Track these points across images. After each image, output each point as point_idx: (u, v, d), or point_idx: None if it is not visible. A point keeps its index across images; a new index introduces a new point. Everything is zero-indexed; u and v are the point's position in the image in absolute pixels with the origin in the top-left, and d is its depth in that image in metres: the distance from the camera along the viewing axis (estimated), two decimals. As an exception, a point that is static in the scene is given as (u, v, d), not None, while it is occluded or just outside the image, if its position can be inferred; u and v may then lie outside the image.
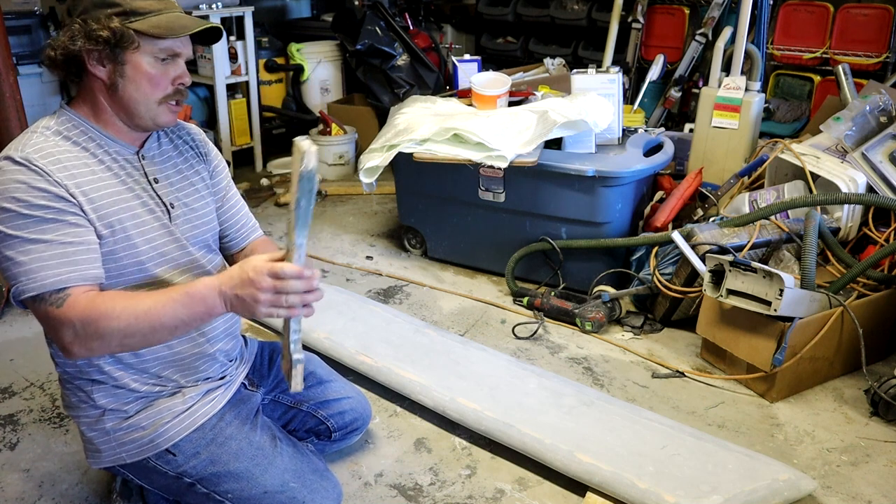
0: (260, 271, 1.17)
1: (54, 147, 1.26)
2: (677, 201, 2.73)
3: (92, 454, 1.44)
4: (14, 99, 2.34)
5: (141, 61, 1.28)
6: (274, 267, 1.17)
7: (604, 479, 1.66)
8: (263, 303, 1.17)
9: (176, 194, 1.42)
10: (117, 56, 1.27)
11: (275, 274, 1.16)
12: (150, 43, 1.27)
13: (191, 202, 1.45)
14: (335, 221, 3.55)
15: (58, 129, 1.30)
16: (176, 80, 1.32)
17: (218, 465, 1.41)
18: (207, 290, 1.21)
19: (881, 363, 2.29)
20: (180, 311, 1.21)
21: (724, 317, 2.18)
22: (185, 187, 1.45)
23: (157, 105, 1.32)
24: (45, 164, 1.22)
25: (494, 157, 2.48)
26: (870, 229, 2.42)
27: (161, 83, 1.31)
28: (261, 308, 1.18)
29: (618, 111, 2.72)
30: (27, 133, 1.30)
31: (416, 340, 2.25)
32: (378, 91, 4.19)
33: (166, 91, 1.32)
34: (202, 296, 1.21)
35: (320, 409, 1.73)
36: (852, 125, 2.54)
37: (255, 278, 1.17)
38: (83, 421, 1.42)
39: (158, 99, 1.31)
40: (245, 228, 1.61)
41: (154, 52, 1.28)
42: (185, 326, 1.24)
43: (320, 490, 1.48)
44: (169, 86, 1.32)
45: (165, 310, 1.20)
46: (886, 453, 1.90)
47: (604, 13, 4.15)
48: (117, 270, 1.31)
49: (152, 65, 1.29)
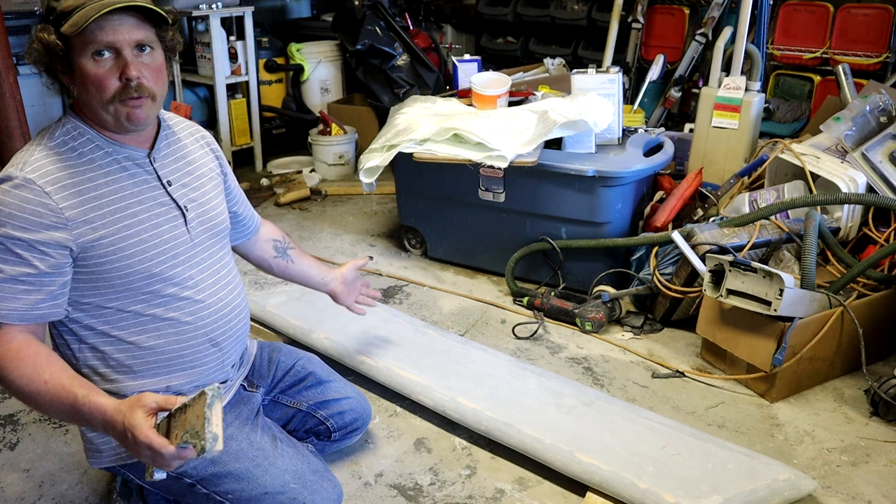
0: (141, 443, 1.09)
1: (56, 163, 1.25)
2: (677, 201, 2.73)
3: (92, 454, 1.44)
4: (14, 99, 2.34)
5: (82, 64, 1.23)
6: (153, 443, 1.08)
7: (604, 479, 1.66)
8: (142, 457, 1.13)
9: (190, 195, 1.42)
10: (68, 63, 1.24)
11: (152, 449, 1.09)
12: (81, 42, 1.22)
13: (205, 202, 1.45)
14: (335, 221, 3.55)
15: (63, 140, 1.29)
16: (122, 75, 1.23)
17: (218, 466, 1.40)
18: (89, 416, 1.17)
19: (881, 363, 2.29)
20: (63, 416, 1.22)
21: (724, 317, 2.18)
22: (198, 187, 1.45)
23: (111, 105, 1.26)
24: (42, 186, 1.22)
25: (494, 157, 2.48)
26: (870, 229, 2.42)
27: (105, 82, 1.23)
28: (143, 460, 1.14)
29: (618, 111, 2.72)
30: (30, 147, 1.29)
31: (416, 340, 2.25)
32: (378, 91, 4.18)
33: (113, 88, 1.24)
34: (88, 420, 1.19)
35: (320, 410, 1.72)
36: (852, 125, 2.53)
37: (135, 445, 1.11)
38: None
39: (109, 99, 1.25)
40: (251, 221, 1.70)
41: (90, 50, 1.22)
42: (70, 422, 1.25)
43: (320, 491, 1.47)
44: (115, 82, 1.24)
45: (47, 404, 1.20)
46: (886, 453, 1.90)
47: (604, 13, 4.15)
48: (126, 276, 1.31)
49: (92, 65, 1.23)
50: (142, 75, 1.25)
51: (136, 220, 1.31)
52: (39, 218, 1.21)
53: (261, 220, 1.76)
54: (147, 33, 1.27)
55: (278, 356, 1.73)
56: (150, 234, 1.33)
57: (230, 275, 1.51)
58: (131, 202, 1.31)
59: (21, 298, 1.22)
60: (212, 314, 1.43)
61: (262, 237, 1.76)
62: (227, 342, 1.49)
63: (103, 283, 1.30)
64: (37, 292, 1.23)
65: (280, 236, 1.80)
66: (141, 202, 1.32)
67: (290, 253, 1.79)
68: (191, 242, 1.40)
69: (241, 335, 1.54)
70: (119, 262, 1.29)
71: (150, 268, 1.33)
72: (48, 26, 1.23)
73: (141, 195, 1.33)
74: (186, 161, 1.45)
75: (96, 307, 1.32)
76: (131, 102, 1.26)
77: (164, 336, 1.38)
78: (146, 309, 1.35)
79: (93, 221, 1.26)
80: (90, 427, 1.23)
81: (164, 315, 1.36)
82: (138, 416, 1.10)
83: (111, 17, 1.21)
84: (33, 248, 1.21)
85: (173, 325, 1.38)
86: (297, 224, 3.50)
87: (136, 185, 1.33)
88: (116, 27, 1.22)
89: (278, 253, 1.77)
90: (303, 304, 2.45)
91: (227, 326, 1.47)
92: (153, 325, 1.36)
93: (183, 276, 1.38)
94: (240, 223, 1.66)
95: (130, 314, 1.34)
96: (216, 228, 1.48)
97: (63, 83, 1.29)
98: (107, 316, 1.33)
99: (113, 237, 1.28)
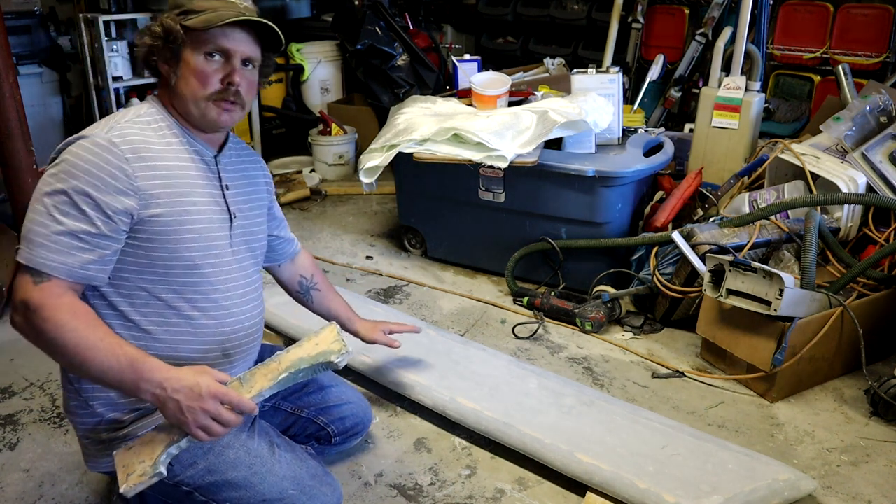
0: (213, 394, 1.19)
1: (138, 135, 1.30)
2: (677, 201, 2.73)
3: (89, 458, 1.44)
4: (14, 99, 2.34)
5: (191, 58, 1.32)
6: (228, 395, 1.20)
7: (604, 479, 1.66)
8: (196, 421, 1.18)
9: (240, 206, 1.47)
10: (175, 54, 1.32)
11: (227, 401, 1.20)
12: (198, 40, 1.31)
13: (251, 216, 1.51)
14: (335, 221, 3.55)
15: (147, 120, 1.35)
16: (225, 79, 1.34)
17: (216, 475, 1.39)
18: (148, 374, 1.20)
19: (881, 363, 2.29)
20: (112, 373, 1.20)
21: (724, 317, 2.18)
22: (248, 201, 1.51)
23: (205, 102, 1.34)
24: (123, 151, 1.26)
25: (494, 157, 2.48)
26: (870, 229, 2.42)
27: (208, 80, 1.32)
28: (189, 421, 1.18)
29: (618, 111, 2.72)
30: (116, 116, 1.34)
31: (416, 340, 2.24)
32: (378, 91, 4.19)
33: (214, 88, 1.33)
34: (140, 374, 1.19)
35: (321, 416, 1.72)
36: (852, 125, 2.53)
37: (204, 397, 1.18)
38: (80, 428, 1.42)
39: (206, 96, 1.33)
40: (288, 246, 1.75)
41: (204, 49, 1.31)
42: (105, 385, 1.25)
43: (319, 496, 1.46)
44: (217, 83, 1.33)
45: (101, 360, 1.19)
46: (886, 453, 1.90)
47: (604, 13, 4.15)
48: (170, 259, 1.33)
49: (201, 62, 1.32)
50: (241, 85, 1.36)
51: (196, 209, 1.36)
52: (114, 181, 1.24)
53: (300, 250, 1.81)
54: (257, 53, 1.39)
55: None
56: (202, 227, 1.37)
57: (256, 293, 1.53)
58: (195, 191, 1.36)
59: (74, 255, 1.23)
60: (232, 324, 1.45)
61: (294, 267, 1.79)
62: (238, 356, 1.49)
63: (145, 261, 1.32)
64: (90, 252, 1.24)
65: (309, 274, 1.81)
66: (201, 195, 1.37)
67: (313, 293, 1.81)
68: (230, 249, 1.44)
69: (251, 353, 1.55)
70: (169, 243, 1.32)
71: (195, 258, 1.36)
72: (174, 16, 1.31)
73: (203, 188, 1.38)
74: (243, 174, 1.52)
75: (128, 285, 1.33)
76: (225, 105, 1.35)
77: (181, 333, 1.38)
78: (175, 300, 1.36)
79: (158, 197, 1.30)
80: (135, 388, 1.20)
81: (188, 311, 1.38)
82: (211, 376, 1.21)
83: (236, 28, 1.33)
84: (100, 208, 1.23)
85: (193, 325, 1.39)
86: (297, 224, 3.50)
87: (201, 177, 1.39)
88: (237, 38, 1.33)
89: (301, 290, 1.81)
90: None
91: (242, 341, 1.49)
92: (175, 318, 1.37)
93: (218, 277, 1.41)
94: (277, 247, 1.72)
95: (158, 302, 1.35)
96: (254, 245, 1.52)
97: (160, 70, 1.36)
98: (134, 297, 1.34)
99: (171, 217, 1.31)
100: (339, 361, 1.36)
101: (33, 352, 2.40)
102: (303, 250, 1.82)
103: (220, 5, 1.32)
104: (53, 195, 1.22)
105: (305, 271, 1.81)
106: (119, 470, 1.22)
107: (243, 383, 1.31)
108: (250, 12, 1.33)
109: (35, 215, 1.23)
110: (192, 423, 1.18)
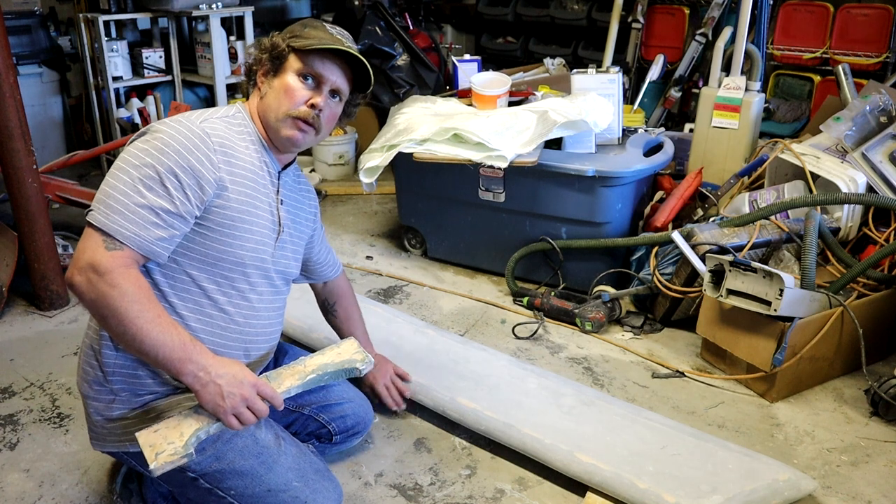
0: (252, 384, 1.32)
1: (226, 131, 1.40)
2: (677, 201, 2.73)
3: (96, 438, 1.46)
4: (14, 99, 2.33)
5: (286, 75, 1.42)
6: (265, 388, 1.33)
7: (604, 479, 1.66)
8: (233, 406, 1.28)
9: (288, 223, 1.56)
10: (275, 68, 1.43)
11: (262, 393, 1.33)
12: (297, 60, 1.41)
13: (293, 236, 1.59)
14: (335, 221, 3.55)
15: (234, 122, 1.44)
16: (310, 100, 1.42)
17: (223, 462, 1.41)
18: (197, 356, 1.28)
19: (881, 363, 2.29)
20: (163, 348, 1.25)
21: (724, 317, 2.18)
22: (295, 222, 1.59)
23: (284, 117, 1.42)
24: (214, 142, 1.35)
25: (494, 157, 2.48)
26: (870, 229, 2.42)
27: (295, 98, 1.41)
28: (227, 406, 1.28)
29: (618, 111, 2.72)
30: (209, 110, 1.43)
31: (416, 340, 2.25)
32: (378, 91, 4.19)
33: (297, 107, 1.41)
34: (189, 355, 1.27)
35: (322, 413, 1.74)
36: (852, 125, 2.53)
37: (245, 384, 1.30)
38: (92, 405, 1.43)
39: (288, 112, 1.41)
40: (329, 269, 1.84)
41: (300, 70, 1.41)
42: (150, 359, 1.27)
43: (322, 490, 1.49)
44: (302, 104, 1.41)
45: (156, 335, 1.24)
46: (886, 453, 1.90)
47: (604, 13, 4.15)
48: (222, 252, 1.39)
49: (294, 80, 1.42)
50: (323, 112, 1.44)
51: (256, 212, 1.43)
52: (201, 166, 1.32)
53: (337, 276, 1.89)
54: (346, 87, 1.48)
55: (282, 359, 1.73)
56: (257, 229, 1.44)
57: (282, 307, 1.62)
58: (258, 194, 1.44)
59: (149, 229, 1.27)
60: (258, 327, 1.52)
61: (325, 290, 1.90)
62: (255, 359, 1.55)
63: (199, 248, 1.38)
64: (164, 230, 1.29)
65: (333, 300, 1.91)
66: (262, 201, 1.45)
67: (330, 316, 1.93)
68: (272, 257, 1.51)
69: (266, 358, 1.60)
70: (224, 237, 1.39)
71: (244, 256, 1.42)
72: (286, 37, 1.44)
73: (265, 196, 1.46)
74: (297, 198, 1.61)
75: (174, 268, 1.37)
76: (302, 125, 1.43)
77: (211, 325, 1.43)
78: (214, 291, 1.42)
79: (230, 192, 1.37)
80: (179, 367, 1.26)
81: (224, 305, 1.44)
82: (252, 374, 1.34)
83: (334, 58, 1.43)
84: (183, 189, 1.30)
85: (225, 319, 1.45)
86: (297, 224, 3.50)
87: (265, 185, 1.47)
88: (332, 68, 1.44)
89: (325, 308, 1.93)
90: (303, 303, 2.44)
91: (264, 345, 1.56)
92: (210, 309, 1.42)
93: (258, 279, 1.48)
94: (316, 270, 1.81)
95: (198, 290, 1.40)
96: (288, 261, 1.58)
97: (256, 80, 1.48)
98: (177, 280, 1.38)
99: (235, 213, 1.39)
100: (364, 369, 1.50)
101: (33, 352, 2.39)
102: (341, 276, 1.91)
103: (327, 38, 1.42)
104: (141, 168, 1.28)
105: (331, 296, 1.91)
106: (146, 449, 1.26)
107: (271, 381, 1.40)
108: (350, 49, 1.42)
109: (118, 183, 1.27)
110: (229, 408, 1.27)
